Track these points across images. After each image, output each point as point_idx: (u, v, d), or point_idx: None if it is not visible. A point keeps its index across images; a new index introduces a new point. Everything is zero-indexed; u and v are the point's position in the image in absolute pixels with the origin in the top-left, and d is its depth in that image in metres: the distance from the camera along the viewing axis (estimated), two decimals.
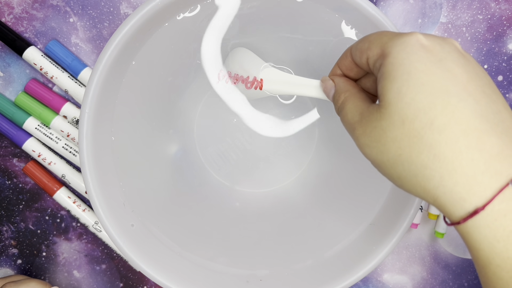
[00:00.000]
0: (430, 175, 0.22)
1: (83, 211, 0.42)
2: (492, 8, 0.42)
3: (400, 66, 0.23)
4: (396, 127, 0.23)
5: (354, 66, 0.28)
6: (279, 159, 0.40)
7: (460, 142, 0.21)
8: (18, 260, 0.43)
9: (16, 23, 0.41)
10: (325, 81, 0.29)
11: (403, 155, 0.23)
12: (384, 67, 0.23)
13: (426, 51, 0.23)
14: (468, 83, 0.22)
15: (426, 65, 0.22)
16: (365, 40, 0.26)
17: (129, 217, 0.35)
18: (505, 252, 0.21)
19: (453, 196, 0.22)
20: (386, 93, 0.23)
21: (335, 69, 0.29)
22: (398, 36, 0.24)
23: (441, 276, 0.43)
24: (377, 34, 0.25)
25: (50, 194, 0.41)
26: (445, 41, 0.24)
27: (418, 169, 0.22)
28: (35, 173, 0.41)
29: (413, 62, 0.23)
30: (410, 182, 0.23)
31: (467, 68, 0.23)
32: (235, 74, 0.36)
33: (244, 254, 0.38)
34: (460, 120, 0.22)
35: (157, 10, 0.32)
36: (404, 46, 0.23)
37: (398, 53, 0.23)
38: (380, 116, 0.23)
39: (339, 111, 0.27)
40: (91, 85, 0.32)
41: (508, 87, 0.42)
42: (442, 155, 0.22)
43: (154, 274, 0.34)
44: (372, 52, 0.25)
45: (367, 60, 0.25)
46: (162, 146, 0.38)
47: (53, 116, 0.41)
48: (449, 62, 0.23)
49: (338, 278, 0.34)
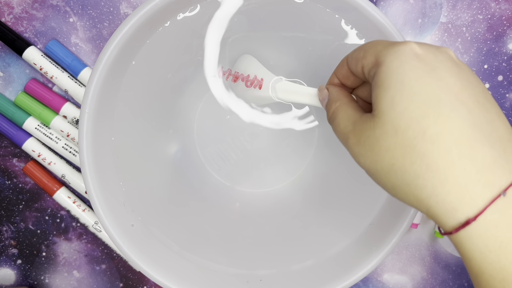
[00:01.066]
0: (422, 185, 0.22)
1: (83, 211, 0.42)
2: (492, 8, 0.42)
3: (393, 75, 0.23)
4: (389, 136, 0.23)
5: (351, 74, 0.28)
6: (279, 159, 0.40)
7: (452, 152, 0.21)
8: (18, 260, 0.43)
9: (16, 23, 0.41)
10: (321, 90, 0.30)
11: (396, 164, 0.23)
12: (378, 76, 0.24)
13: (419, 60, 0.23)
14: (461, 92, 0.22)
15: (419, 74, 0.23)
16: (360, 49, 0.26)
17: (129, 217, 0.35)
18: (497, 262, 0.21)
19: (445, 206, 0.22)
20: (379, 102, 0.23)
21: (333, 78, 0.29)
22: (392, 45, 0.24)
23: (441, 276, 0.43)
24: (372, 43, 0.25)
25: (50, 194, 0.41)
26: (439, 50, 0.24)
27: (411, 178, 0.22)
28: (35, 173, 0.41)
29: (406, 71, 0.23)
30: (403, 191, 0.23)
31: (460, 76, 0.23)
32: (235, 72, 0.36)
33: (244, 254, 0.38)
34: (452, 129, 0.22)
35: (157, 10, 0.32)
36: (397, 55, 0.23)
37: (392, 62, 0.23)
38: (374, 125, 0.23)
39: (330, 121, 0.27)
40: (91, 85, 0.32)
41: (508, 87, 0.42)
42: (434, 165, 0.22)
43: (154, 274, 0.34)
44: (367, 61, 0.25)
45: (362, 69, 0.25)
46: (162, 146, 0.38)
47: (53, 116, 0.41)
48: (442, 71, 0.23)
49: (338, 278, 0.34)
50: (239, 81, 0.35)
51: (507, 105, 0.42)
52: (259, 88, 0.34)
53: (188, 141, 0.39)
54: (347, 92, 0.28)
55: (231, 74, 0.36)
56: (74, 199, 0.42)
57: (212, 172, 0.40)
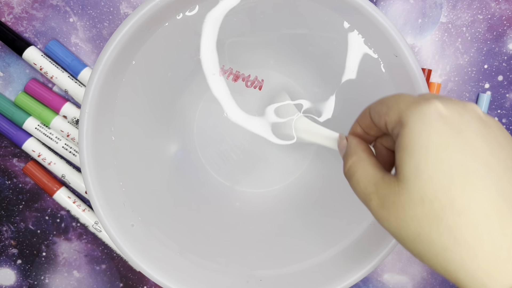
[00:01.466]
0: (451, 258, 0.21)
1: (83, 211, 0.42)
2: (492, 8, 0.42)
3: (418, 139, 0.22)
4: (415, 204, 0.22)
5: (374, 125, 0.27)
6: (279, 159, 0.40)
7: (481, 225, 0.21)
8: (18, 260, 0.43)
9: (16, 23, 0.41)
10: (341, 138, 0.29)
11: (423, 234, 0.22)
12: (402, 138, 0.23)
13: (444, 122, 0.22)
14: (489, 157, 0.22)
15: (444, 138, 0.22)
16: (383, 103, 0.25)
17: (129, 217, 0.35)
18: None
19: (474, 281, 0.21)
20: (404, 167, 0.22)
21: (355, 126, 0.29)
22: (416, 103, 0.23)
23: (441, 276, 0.43)
24: (395, 98, 0.24)
25: (50, 194, 0.41)
26: (465, 108, 0.23)
27: (439, 250, 0.22)
28: (35, 173, 0.41)
29: (431, 135, 0.22)
30: (430, 260, 0.22)
31: (488, 138, 0.22)
32: (236, 71, 0.36)
33: (244, 254, 0.38)
34: (480, 201, 0.21)
35: (156, 9, 0.32)
36: (421, 116, 0.22)
37: (416, 124, 0.22)
38: (399, 191, 0.23)
39: (347, 176, 0.27)
40: (91, 85, 0.32)
41: (508, 87, 0.42)
42: (462, 238, 0.21)
43: (154, 274, 0.34)
44: (390, 118, 0.24)
45: (386, 125, 0.25)
46: (162, 146, 0.38)
47: (53, 116, 0.41)
48: (469, 134, 0.22)
49: (338, 278, 0.34)
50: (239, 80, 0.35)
51: (507, 105, 0.42)
52: (259, 89, 0.34)
53: (188, 141, 0.39)
54: (366, 145, 0.28)
55: (232, 73, 0.36)
56: (74, 199, 0.42)
57: (212, 172, 0.40)
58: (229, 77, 0.37)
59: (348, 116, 0.38)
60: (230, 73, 0.37)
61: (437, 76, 0.42)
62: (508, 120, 0.42)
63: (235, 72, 0.36)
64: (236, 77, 0.36)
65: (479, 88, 0.42)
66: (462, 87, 0.42)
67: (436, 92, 0.41)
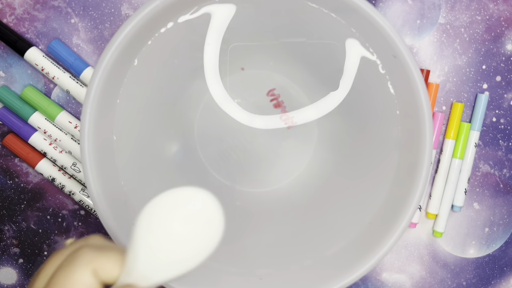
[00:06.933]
0: None
1: (69, 178, 0.42)
2: (491, 9, 0.42)
3: None
4: None
5: None
6: (279, 158, 0.40)
7: None
8: (19, 260, 0.43)
9: (17, 24, 0.41)
10: None
11: None
12: None
13: None
14: None
15: None
16: None
17: (130, 217, 0.35)
18: None
19: None
20: None
21: None
22: None
23: (439, 275, 0.44)
24: None
25: (32, 165, 0.42)
26: None
27: None
28: (14, 146, 0.42)
29: None
30: None
31: None
32: (281, 100, 0.36)
33: (244, 253, 0.38)
34: None
35: (158, 11, 0.33)
36: None
37: None
38: None
39: None
40: (93, 85, 0.33)
41: (506, 88, 0.42)
42: None
43: None
44: None
45: None
46: (163, 145, 0.39)
47: (58, 112, 0.41)
48: None
49: (337, 277, 0.35)
50: (278, 109, 0.35)
51: (505, 105, 0.43)
52: (288, 128, 0.33)
53: (189, 141, 0.40)
54: None
55: (277, 99, 0.36)
56: (59, 168, 0.42)
57: (212, 171, 0.40)
58: (272, 101, 0.37)
59: (346, 115, 0.39)
60: (275, 99, 0.37)
61: (435, 77, 0.43)
62: (506, 121, 0.43)
63: (280, 100, 0.36)
64: (278, 105, 0.36)
65: (477, 88, 0.43)
66: (460, 87, 0.43)
67: (434, 92, 0.42)
